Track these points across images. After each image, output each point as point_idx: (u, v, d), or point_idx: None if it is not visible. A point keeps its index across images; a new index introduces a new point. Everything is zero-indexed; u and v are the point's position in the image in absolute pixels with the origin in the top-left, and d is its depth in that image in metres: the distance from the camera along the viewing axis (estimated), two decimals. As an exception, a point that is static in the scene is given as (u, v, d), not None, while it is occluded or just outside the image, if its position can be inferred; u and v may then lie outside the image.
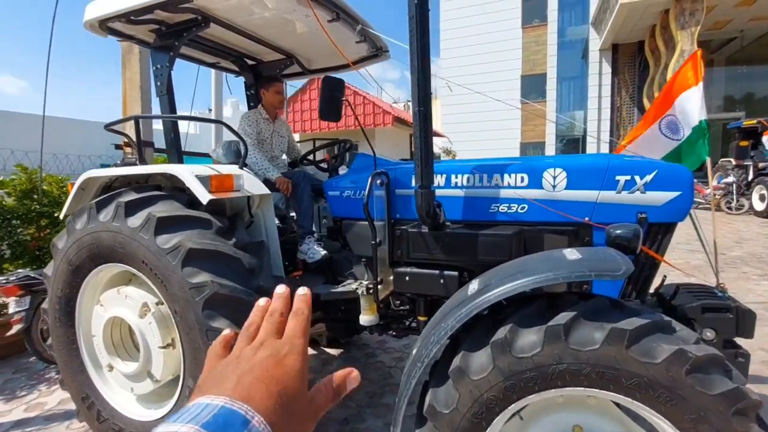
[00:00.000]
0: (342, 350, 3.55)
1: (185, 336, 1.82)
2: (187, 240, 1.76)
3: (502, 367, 1.23)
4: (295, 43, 2.90)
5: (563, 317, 1.20)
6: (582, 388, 1.19)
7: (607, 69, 19.04)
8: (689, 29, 12.10)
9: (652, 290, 2.09)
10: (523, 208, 1.88)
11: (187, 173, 1.87)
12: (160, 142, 2.94)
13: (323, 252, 2.31)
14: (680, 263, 5.80)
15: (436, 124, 24.64)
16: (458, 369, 1.29)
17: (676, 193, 1.65)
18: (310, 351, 3.57)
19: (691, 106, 1.87)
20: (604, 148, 19.60)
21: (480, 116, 21.90)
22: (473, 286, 1.42)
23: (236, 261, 1.82)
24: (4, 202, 3.92)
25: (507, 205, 1.90)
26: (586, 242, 1.80)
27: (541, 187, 1.83)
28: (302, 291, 0.50)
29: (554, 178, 1.81)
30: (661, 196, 1.67)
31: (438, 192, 2.01)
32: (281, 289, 0.50)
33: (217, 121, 2.28)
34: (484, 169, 1.94)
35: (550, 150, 21.59)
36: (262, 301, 0.50)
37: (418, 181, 1.76)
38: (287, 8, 2.14)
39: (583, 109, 20.75)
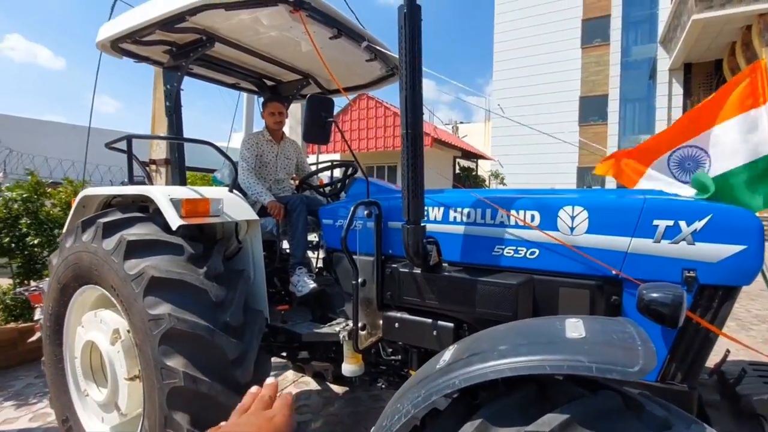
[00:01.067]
0: (347, 389, 3.27)
1: (144, 371, 1.67)
2: (151, 267, 1.63)
3: (468, 480, 0.91)
4: (310, 62, 2.80)
5: (551, 420, 0.86)
6: None
7: (678, 90, 17.45)
8: (777, 46, 10.72)
9: (711, 365, 1.63)
10: (533, 253, 1.54)
11: (161, 195, 1.77)
12: (194, 161, 2.89)
13: (312, 285, 2.10)
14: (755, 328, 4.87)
15: (486, 147, 24.04)
16: (412, 469, 0.99)
17: (740, 248, 1.23)
18: (315, 386, 3.33)
19: (755, 132, 1.45)
20: (674, 176, 17.79)
21: (533, 139, 20.94)
22: (445, 356, 1.12)
23: (202, 293, 1.66)
24: (50, 212, 4.20)
25: (513, 248, 1.57)
26: (612, 302, 1.41)
27: (557, 229, 1.49)
28: (286, 392, 0.63)
29: (572, 218, 1.46)
30: (716, 250, 1.26)
31: (434, 227, 1.74)
32: (271, 380, 0.64)
33: (205, 142, 2.19)
34: (488, 203, 1.64)
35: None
36: (254, 389, 0.63)
37: (406, 215, 1.51)
38: (283, 25, 2.03)
39: (650, 133, 19.11)
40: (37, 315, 3.43)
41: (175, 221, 1.72)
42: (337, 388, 3.27)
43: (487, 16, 24.08)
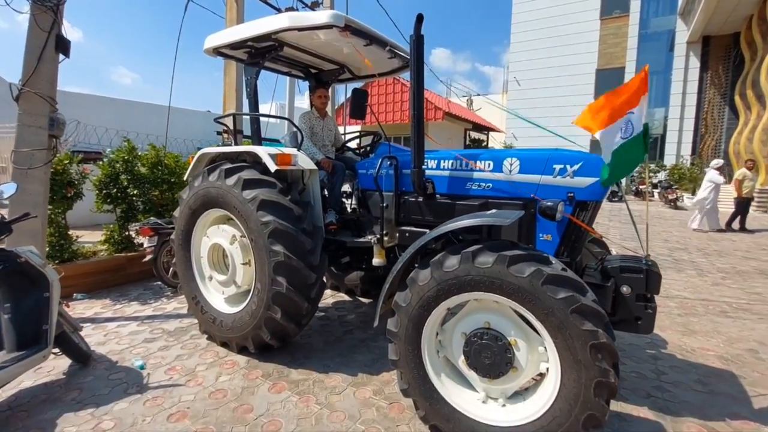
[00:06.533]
0: (371, 300, 4.44)
1: (257, 255, 2.82)
2: (261, 194, 2.74)
3: (437, 277, 1.99)
4: (345, 57, 3.78)
5: (474, 248, 1.93)
6: (482, 292, 1.91)
7: (695, 63, 17.44)
8: (788, 20, 10.88)
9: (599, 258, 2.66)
10: (488, 186, 2.58)
11: (263, 152, 2.85)
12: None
13: (334, 218, 3.16)
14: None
15: (502, 120, 24.35)
16: (411, 279, 2.08)
17: (595, 179, 2.25)
18: (345, 298, 4.51)
19: (642, 111, 2.36)
20: (686, 149, 18.08)
21: (548, 111, 21.28)
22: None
23: (290, 210, 2.77)
24: (141, 171, 5.38)
25: (478, 183, 2.61)
26: (532, 213, 2.45)
27: (502, 171, 2.52)
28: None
29: (511, 165, 2.49)
30: (584, 181, 2.28)
31: (430, 172, 2.78)
32: None
33: (284, 118, 3.24)
34: (462, 157, 2.67)
35: (623, 149, 20.31)
36: None
37: (413, 162, 2.55)
38: (334, 38, 3.01)
39: (664, 107, 19.24)
40: (146, 243, 4.70)
41: (272, 167, 2.81)
42: (365, 300, 4.45)
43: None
